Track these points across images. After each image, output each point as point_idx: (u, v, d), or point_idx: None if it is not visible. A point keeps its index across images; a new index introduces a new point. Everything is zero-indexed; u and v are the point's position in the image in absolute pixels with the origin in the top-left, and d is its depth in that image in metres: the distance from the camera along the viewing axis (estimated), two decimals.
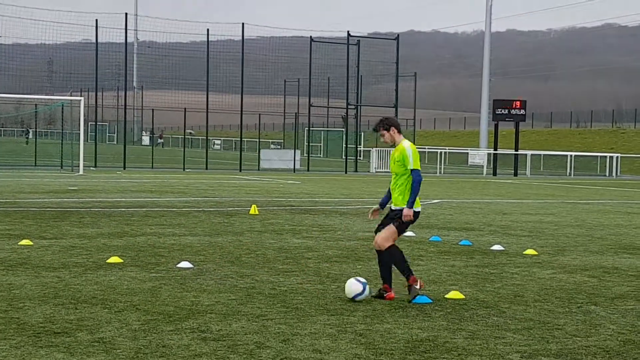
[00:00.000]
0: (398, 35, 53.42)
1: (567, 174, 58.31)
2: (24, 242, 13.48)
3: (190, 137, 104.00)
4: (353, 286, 9.27)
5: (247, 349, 7.04)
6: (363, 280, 9.41)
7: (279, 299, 9.23)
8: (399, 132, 9.79)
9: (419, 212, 9.82)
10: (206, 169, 47.98)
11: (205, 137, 56.03)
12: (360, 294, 9.21)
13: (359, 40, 53.34)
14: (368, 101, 57.64)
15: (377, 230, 9.82)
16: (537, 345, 7.39)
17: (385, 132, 9.74)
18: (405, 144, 9.67)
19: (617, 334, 7.90)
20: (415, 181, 9.55)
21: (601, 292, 10.22)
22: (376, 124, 9.82)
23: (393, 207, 9.75)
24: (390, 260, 9.61)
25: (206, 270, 11.14)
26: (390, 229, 9.65)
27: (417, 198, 9.68)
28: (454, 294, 9.62)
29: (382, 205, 10.01)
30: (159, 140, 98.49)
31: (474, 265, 12.32)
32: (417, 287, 9.38)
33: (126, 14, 46.66)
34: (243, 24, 48.74)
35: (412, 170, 9.55)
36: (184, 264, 11.45)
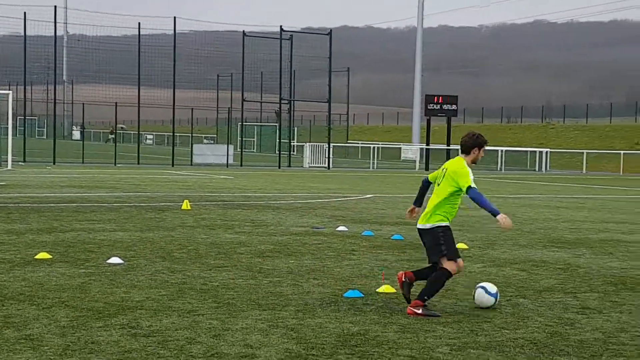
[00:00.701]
0: (331, 30, 53.51)
1: (498, 169, 59.08)
2: None
3: (121, 131, 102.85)
4: (484, 299, 8.84)
5: (178, 344, 6.99)
6: (492, 291, 8.88)
7: (210, 294, 9.18)
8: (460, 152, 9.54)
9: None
10: (138, 164, 47.53)
11: (137, 132, 55.46)
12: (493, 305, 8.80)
13: (291, 35, 53.32)
14: (301, 96, 57.73)
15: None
16: (466, 338, 7.47)
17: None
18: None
19: (545, 326, 8.02)
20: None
21: (530, 285, 10.37)
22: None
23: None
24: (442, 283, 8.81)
25: (137, 266, 11.04)
26: None
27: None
28: (386, 288, 9.67)
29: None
30: (110, 136, 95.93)
31: (405, 259, 12.40)
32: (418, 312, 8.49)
33: (55, 6, 45.99)
34: (175, 17, 48.38)
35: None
36: (114, 260, 11.32)
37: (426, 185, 9.40)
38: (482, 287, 8.92)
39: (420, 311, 8.43)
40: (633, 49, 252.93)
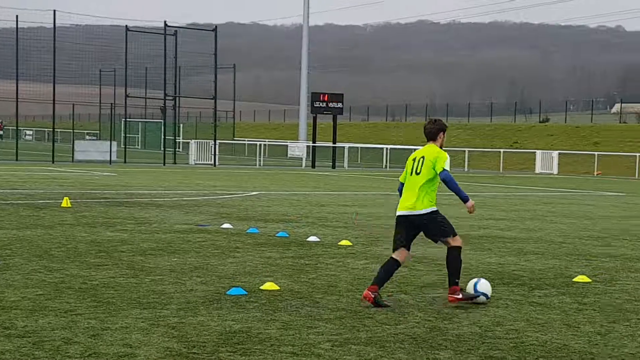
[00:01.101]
0: (216, 26, 53.25)
1: (383, 166, 59.87)
2: None
3: None
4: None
5: (54, 345, 6.82)
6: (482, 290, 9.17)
7: (89, 294, 9.00)
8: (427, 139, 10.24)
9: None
10: (17, 160, 46.30)
11: (15, 128, 53.97)
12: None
13: (176, 31, 52.84)
14: (187, 92, 57.21)
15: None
16: (347, 334, 7.53)
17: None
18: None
19: (425, 321, 8.15)
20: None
21: (411, 281, 10.53)
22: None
23: None
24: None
25: (13, 265, 10.73)
26: None
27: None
28: (269, 285, 9.66)
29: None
30: None
31: (290, 256, 12.42)
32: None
33: None
34: (55, 11, 47.27)
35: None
36: None
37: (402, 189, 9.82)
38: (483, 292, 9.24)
39: (461, 295, 8.96)
40: (512, 49, 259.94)
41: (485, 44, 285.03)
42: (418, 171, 9.61)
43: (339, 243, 14.06)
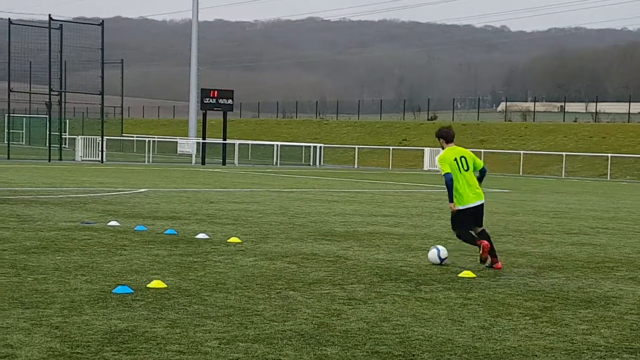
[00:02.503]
0: (103, 21, 52.36)
1: (274, 163, 59.94)
2: None
3: None
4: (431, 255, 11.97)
5: None
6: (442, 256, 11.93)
7: None
8: (446, 141, 12.06)
9: (460, 210, 11.95)
10: None
11: None
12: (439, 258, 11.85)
13: (61, 25, 51.73)
14: (74, 87, 56.06)
15: None
16: (235, 331, 7.51)
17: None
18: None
19: (313, 318, 8.18)
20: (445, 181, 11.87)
21: (299, 278, 10.56)
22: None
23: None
24: (462, 240, 12.24)
25: None
26: None
27: (458, 196, 11.88)
28: (156, 283, 9.56)
29: None
30: None
31: (178, 254, 12.31)
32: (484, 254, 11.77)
33: None
34: None
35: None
36: None
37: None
38: (437, 249, 12.10)
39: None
40: (401, 47, 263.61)
41: (374, 41, 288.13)
42: (467, 168, 11.94)
43: (228, 240, 14.01)
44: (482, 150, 61.61)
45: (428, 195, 29.06)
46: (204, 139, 55.85)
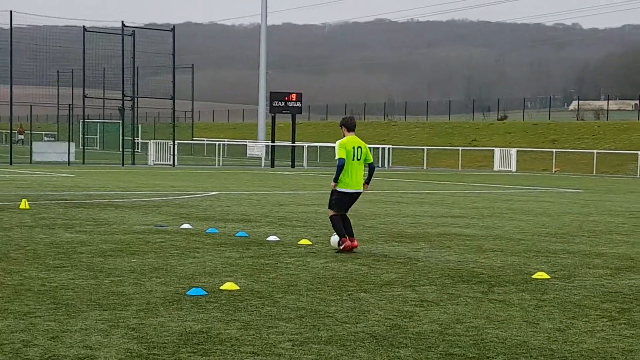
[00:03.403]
0: (174, 26, 53.01)
1: None
2: None
3: None
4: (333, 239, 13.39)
5: (14, 347, 6.76)
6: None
7: (48, 296, 8.93)
8: (347, 129, 13.63)
9: (342, 192, 13.30)
10: None
11: None
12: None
13: (134, 31, 52.52)
14: (145, 93, 56.87)
15: None
16: (308, 333, 7.55)
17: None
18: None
19: (385, 320, 8.19)
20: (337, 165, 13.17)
21: (370, 280, 10.56)
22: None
23: None
24: (332, 224, 13.36)
25: None
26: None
27: (345, 179, 13.22)
28: (229, 286, 9.65)
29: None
30: (19, 137, 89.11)
31: (249, 256, 12.41)
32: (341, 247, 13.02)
33: None
34: (11, 11, 46.77)
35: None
36: None
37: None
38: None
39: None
40: (470, 47, 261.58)
41: (443, 42, 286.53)
42: (359, 158, 13.27)
43: (299, 242, 14.08)
44: (554, 150, 60.83)
45: (499, 196, 28.80)
46: (273, 141, 56.16)
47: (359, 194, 13.40)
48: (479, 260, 12.50)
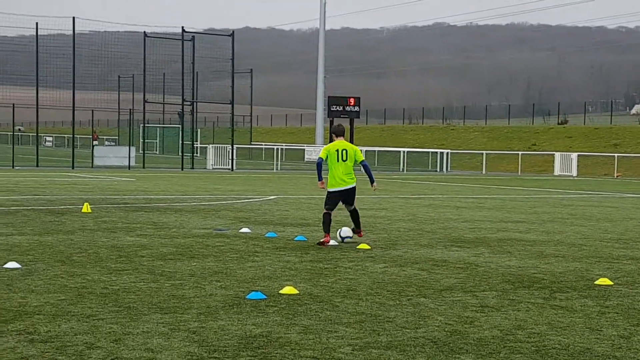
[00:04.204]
0: (233, 31, 53.36)
1: (400, 170, 59.79)
2: None
3: (19, 133, 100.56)
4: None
5: (77, 349, 6.85)
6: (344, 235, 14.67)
7: (110, 298, 9.04)
8: (335, 135, 14.84)
9: (330, 191, 14.69)
10: (37, 166, 46.57)
11: (35, 134, 54.33)
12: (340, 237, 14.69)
13: (193, 37, 53.00)
14: (204, 98, 57.37)
15: None
16: (368, 337, 7.53)
17: None
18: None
19: (445, 325, 8.13)
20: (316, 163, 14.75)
21: (430, 285, 10.50)
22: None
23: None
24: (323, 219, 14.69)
25: (35, 271, 10.79)
26: None
27: (330, 180, 14.67)
28: (289, 290, 9.67)
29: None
30: (94, 143, 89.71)
31: (308, 260, 12.43)
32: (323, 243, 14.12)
33: None
34: (74, 17, 47.54)
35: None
36: (11, 264, 11.05)
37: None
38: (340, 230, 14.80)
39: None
40: (530, 51, 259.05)
41: (502, 45, 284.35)
42: (345, 159, 14.60)
43: (358, 247, 14.07)
44: (616, 155, 59.94)
45: (560, 201, 28.46)
46: None
47: (347, 190, 14.65)
48: (540, 266, 12.35)
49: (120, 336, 7.34)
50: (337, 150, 14.58)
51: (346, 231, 14.77)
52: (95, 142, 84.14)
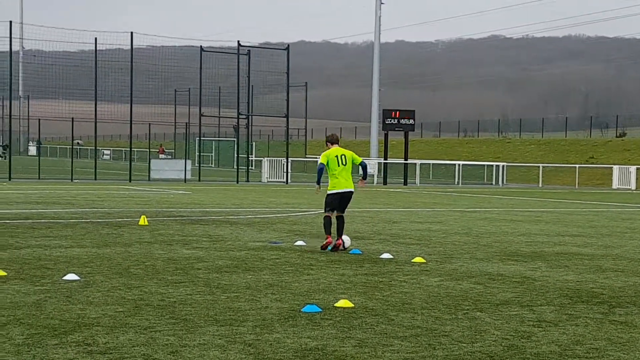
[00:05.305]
0: (288, 45, 53.63)
1: (455, 183, 59.46)
2: None
3: (78, 147, 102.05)
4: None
5: None
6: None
7: (167, 310, 9.12)
8: (331, 143, 15.83)
9: (330, 194, 15.56)
10: (95, 179, 47.19)
11: (94, 147, 55.10)
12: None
13: (249, 50, 53.34)
14: (259, 111, 57.65)
15: None
16: (423, 352, 7.50)
17: None
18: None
19: (502, 339, 8.07)
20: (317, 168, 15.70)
21: (486, 299, 10.43)
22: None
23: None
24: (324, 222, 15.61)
25: (93, 283, 10.94)
26: None
27: (332, 183, 15.53)
28: (344, 303, 9.67)
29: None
30: (161, 156, 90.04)
31: (363, 273, 12.42)
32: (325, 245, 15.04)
33: (10, 22, 45.54)
34: (132, 33, 48.18)
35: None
36: (71, 276, 11.21)
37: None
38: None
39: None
40: (587, 63, 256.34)
41: (559, 57, 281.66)
42: (345, 163, 15.50)
43: (413, 260, 14.02)
44: None
45: (618, 215, 28.06)
46: (385, 159, 56.13)
47: (346, 192, 15.48)
48: (598, 280, 12.19)
49: (177, 348, 7.41)
50: (337, 156, 15.53)
51: (347, 240, 15.42)
52: (162, 155, 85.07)
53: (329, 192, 15.60)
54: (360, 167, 16.04)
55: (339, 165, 15.51)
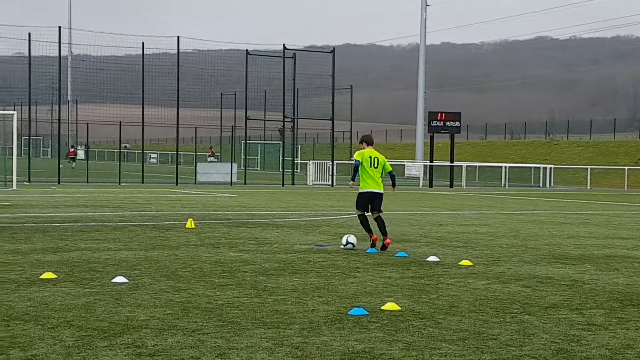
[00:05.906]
0: (334, 48, 53.67)
1: (502, 185, 59.06)
2: None
3: (125, 150, 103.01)
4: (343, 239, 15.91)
5: None
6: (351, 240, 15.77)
7: (215, 313, 9.17)
8: (367, 144, 16.39)
9: (361, 192, 16.16)
10: (142, 182, 47.60)
11: (141, 151, 55.62)
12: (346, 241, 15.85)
13: (294, 54, 53.47)
14: (305, 114, 57.84)
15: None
16: (471, 355, 7.46)
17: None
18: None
19: (550, 343, 8.00)
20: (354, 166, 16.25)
21: (535, 302, 10.34)
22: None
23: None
24: (360, 220, 16.34)
25: (142, 285, 11.03)
26: None
27: (363, 182, 16.13)
28: (390, 306, 9.65)
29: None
30: (210, 159, 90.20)
31: (410, 276, 12.38)
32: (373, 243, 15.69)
33: (59, 27, 46.13)
34: (178, 37, 48.56)
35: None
36: (119, 279, 11.32)
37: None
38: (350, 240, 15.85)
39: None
40: (634, 64, 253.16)
41: (607, 58, 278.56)
42: (376, 166, 16.09)
43: (460, 263, 13.95)
44: None
45: None
46: (431, 161, 55.94)
47: (376, 193, 16.08)
48: None
49: (225, 350, 7.45)
50: (370, 157, 16.09)
51: (352, 238, 16.05)
52: (211, 158, 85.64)
53: (361, 190, 16.21)
54: (389, 175, 16.63)
55: (371, 166, 16.05)
